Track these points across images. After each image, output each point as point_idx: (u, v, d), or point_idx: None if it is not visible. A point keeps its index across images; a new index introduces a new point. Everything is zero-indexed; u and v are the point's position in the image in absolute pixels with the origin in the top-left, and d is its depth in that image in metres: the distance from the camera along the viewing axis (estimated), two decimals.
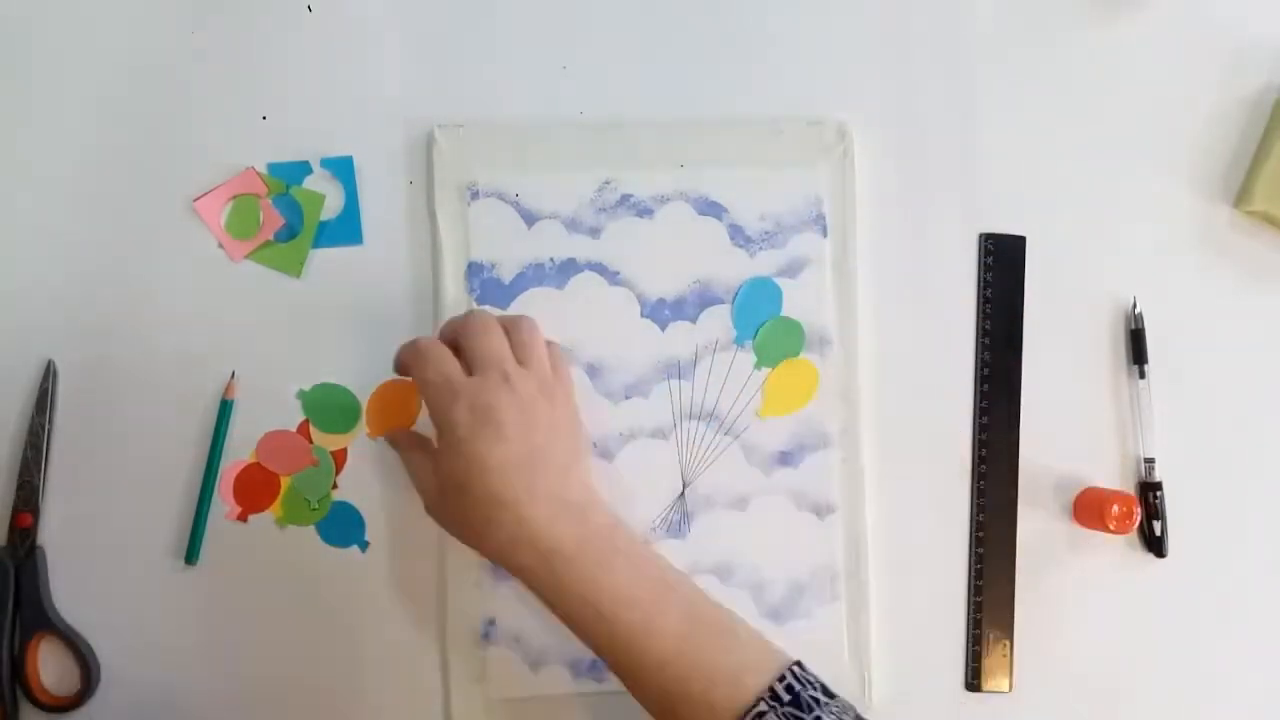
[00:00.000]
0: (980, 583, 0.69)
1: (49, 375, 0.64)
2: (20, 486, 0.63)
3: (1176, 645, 0.70)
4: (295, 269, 0.66)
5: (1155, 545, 0.70)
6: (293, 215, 0.66)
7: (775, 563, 0.67)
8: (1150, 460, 0.70)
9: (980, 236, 0.70)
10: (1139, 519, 0.68)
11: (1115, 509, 0.67)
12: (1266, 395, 0.72)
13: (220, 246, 0.66)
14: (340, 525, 0.65)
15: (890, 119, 0.70)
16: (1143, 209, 0.71)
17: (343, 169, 0.66)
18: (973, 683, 0.69)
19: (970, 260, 0.70)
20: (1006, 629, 0.69)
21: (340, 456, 0.66)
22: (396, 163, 0.67)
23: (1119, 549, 0.70)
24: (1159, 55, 0.72)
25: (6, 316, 0.65)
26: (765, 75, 0.69)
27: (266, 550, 0.65)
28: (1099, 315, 0.71)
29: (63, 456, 0.64)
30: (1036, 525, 0.70)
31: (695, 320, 0.68)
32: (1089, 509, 0.69)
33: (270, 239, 0.66)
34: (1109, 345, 0.71)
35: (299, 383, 0.66)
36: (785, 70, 0.69)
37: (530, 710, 0.65)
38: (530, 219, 0.67)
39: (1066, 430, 0.70)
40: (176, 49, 0.66)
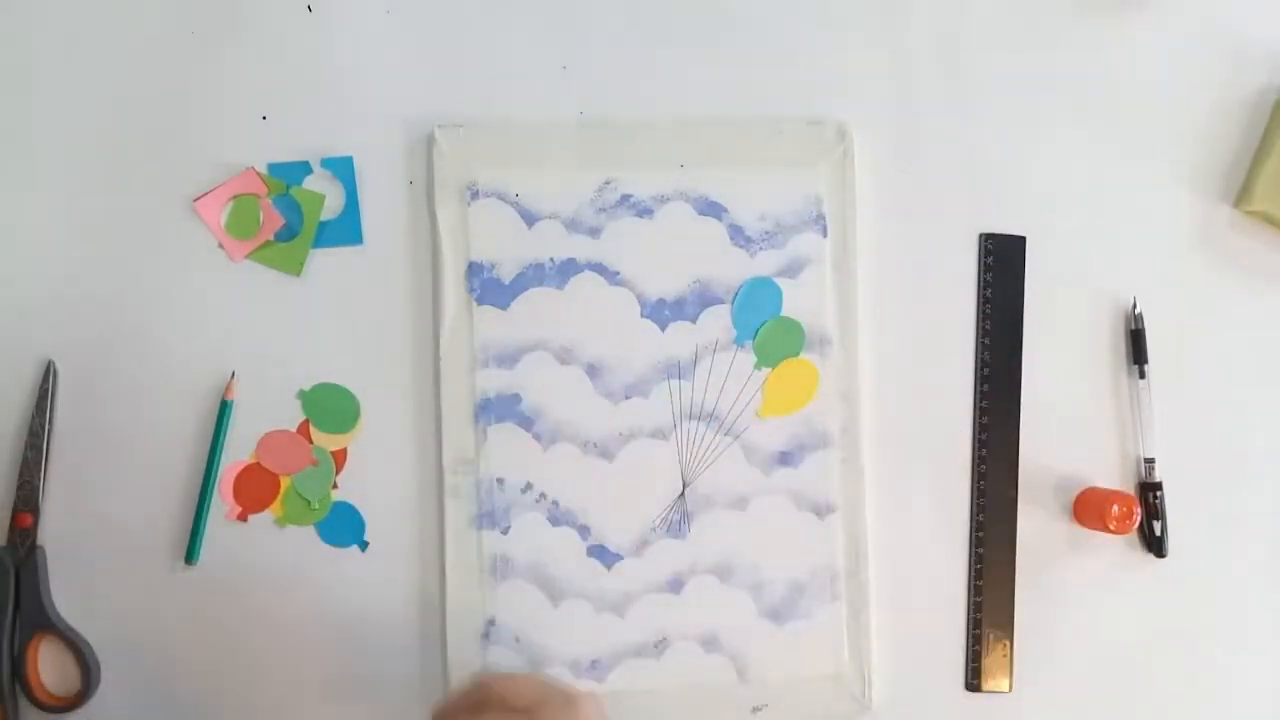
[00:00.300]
0: (980, 583, 0.69)
1: (49, 375, 0.64)
2: (20, 486, 0.63)
3: (1176, 645, 0.70)
4: (295, 269, 0.66)
5: (1155, 545, 0.70)
6: (293, 215, 0.66)
7: (775, 563, 0.67)
8: (1150, 460, 0.70)
9: (980, 236, 0.70)
10: (1139, 519, 0.68)
11: (1115, 509, 0.67)
12: (1266, 395, 0.72)
13: (220, 246, 0.66)
14: (340, 525, 0.65)
15: (890, 119, 0.70)
16: (1143, 209, 0.71)
17: (343, 169, 0.66)
18: (973, 683, 0.69)
19: (970, 260, 0.70)
20: (1006, 629, 0.69)
21: (340, 456, 0.66)
22: (396, 163, 0.67)
23: (1119, 549, 0.70)
24: (1159, 55, 0.72)
25: (6, 316, 0.65)
26: (765, 75, 0.69)
27: (266, 550, 0.65)
28: (1099, 315, 0.71)
29: (63, 456, 0.64)
30: (1036, 525, 0.70)
31: (695, 320, 0.68)
32: (1089, 509, 0.69)
33: (270, 239, 0.66)
34: (1109, 345, 0.71)
35: (299, 383, 0.66)
36: (785, 70, 0.69)
37: None
38: (530, 219, 0.67)
39: (1066, 430, 0.70)
40: (176, 49, 0.66)
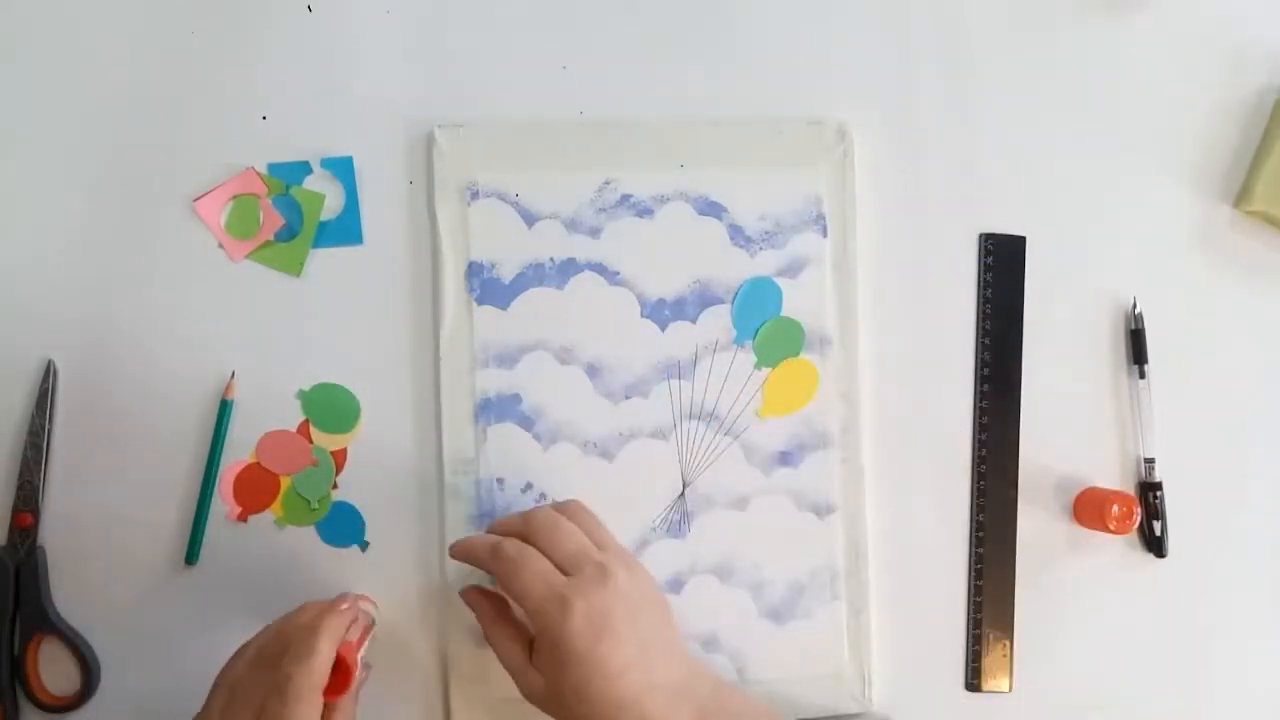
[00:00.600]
0: (980, 583, 0.69)
1: (49, 375, 0.64)
2: (20, 486, 0.63)
3: (1176, 645, 0.70)
4: (295, 269, 0.66)
5: (1155, 545, 0.70)
6: (293, 215, 0.66)
7: (775, 563, 0.67)
8: (1150, 460, 0.70)
9: (980, 236, 0.70)
10: (1139, 519, 0.68)
11: (1115, 509, 0.67)
12: (1266, 395, 0.72)
13: (220, 246, 0.66)
14: (340, 525, 0.65)
15: (890, 119, 0.70)
16: (1143, 209, 0.71)
17: (343, 169, 0.66)
18: (973, 683, 0.69)
19: (970, 260, 0.70)
20: (1006, 629, 0.69)
21: (340, 456, 0.66)
22: (396, 163, 0.67)
23: (1119, 549, 0.70)
24: (1159, 55, 0.72)
25: (6, 316, 0.65)
26: (765, 75, 0.69)
27: (266, 550, 0.65)
28: (1099, 315, 0.71)
29: (63, 456, 0.64)
30: (1036, 525, 0.70)
31: (695, 320, 0.68)
32: (1089, 509, 0.69)
33: (270, 239, 0.66)
34: (1109, 345, 0.71)
35: (299, 383, 0.66)
36: (785, 70, 0.69)
37: (530, 710, 0.65)
38: (530, 219, 0.67)
39: (1066, 430, 0.70)
40: (176, 49, 0.66)
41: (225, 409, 0.65)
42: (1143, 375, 0.70)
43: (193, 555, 0.64)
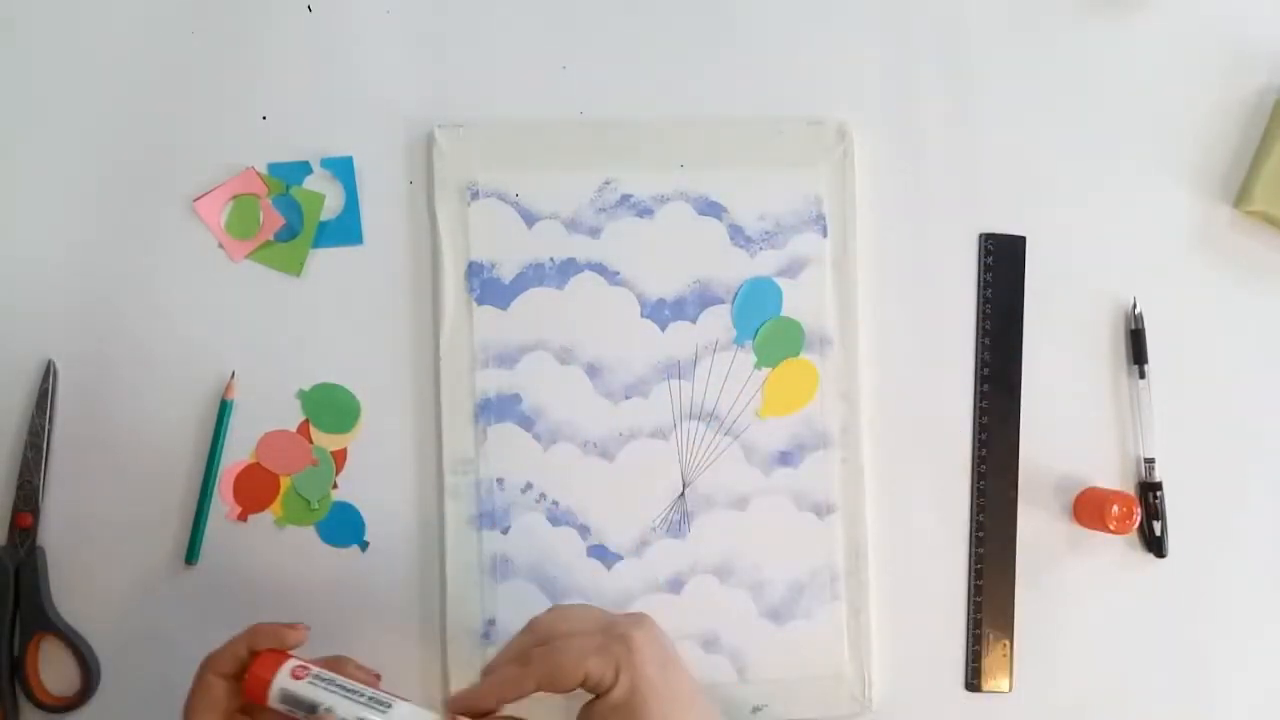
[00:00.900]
0: (980, 582, 0.69)
1: (49, 375, 0.64)
2: (20, 486, 0.63)
3: (1176, 645, 0.70)
4: (295, 269, 0.66)
5: (1155, 545, 0.70)
6: (293, 215, 0.66)
7: (775, 563, 0.67)
8: (1150, 460, 0.70)
9: (980, 236, 0.70)
10: (1139, 519, 0.68)
11: (1115, 509, 0.67)
12: (1266, 395, 0.72)
13: (220, 246, 0.66)
14: (340, 525, 0.65)
15: (890, 119, 0.70)
16: (1143, 209, 0.71)
17: (343, 169, 0.66)
18: (973, 683, 0.69)
19: (970, 260, 0.70)
20: (1006, 629, 0.69)
21: (340, 456, 0.66)
22: (396, 163, 0.67)
23: (1119, 549, 0.70)
24: (1159, 55, 0.72)
25: (6, 316, 0.65)
26: (765, 75, 0.69)
27: (266, 550, 0.65)
28: (1099, 315, 0.71)
29: (63, 456, 0.64)
30: (1036, 525, 0.70)
31: (695, 320, 0.68)
32: (1089, 509, 0.69)
33: (270, 239, 0.66)
34: (1109, 345, 0.71)
35: (299, 383, 0.66)
36: (785, 70, 0.69)
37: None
38: (530, 219, 0.67)
39: (1066, 430, 0.70)
40: (176, 49, 0.66)
41: (225, 409, 0.65)
42: (1143, 375, 0.70)
43: (193, 555, 0.64)
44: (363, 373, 0.66)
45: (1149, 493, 0.70)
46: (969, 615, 0.69)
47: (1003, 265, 0.70)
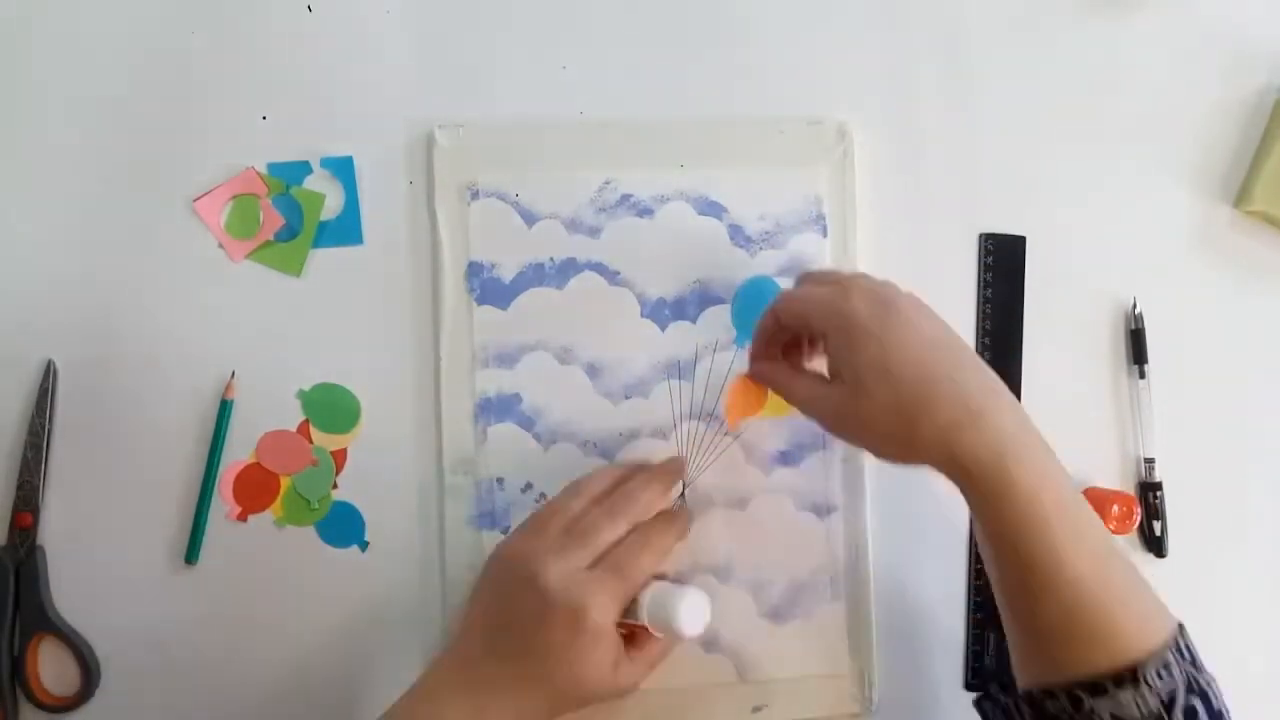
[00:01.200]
0: (980, 582, 0.69)
1: (49, 375, 0.64)
2: (20, 486, 0.63)
3: None
4: (295, 269, 0.66)
5: (1155, 545, 0.70)
6: (293, 215, 0.66)
7: (775, 562, 0.67)
8: (1150, 460, 0.70)
9: (980, 236, 0.70)
10: (1139, 519, 0.68)
11: (1115, 509, 0.67)
12: (1266, 395, 0.72)
13: (220, 246, 0.66)
14: (340, 525, 0.65)
15: (890, 119, 0.70)
16: (1143, 209, 0.71)
17: (343, 169, 0.66)
18: (973, 683, 0.69)
19: (970, 260, 0.70)
20: None
21: (340, 456, 0.66)
22: (396, 163, 0.67)
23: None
24: (1159, 55, 0.72)
25: (6, 316, 0.65)
26: (765, 75, 0.69)
27: (266, 550, 0.65)
28: (1099, 315, 0.71)
29: (63, 456, 0.64)
30: None
31: (695, 320, 0.68)
32: None
33: (270, 239, 0.66)
34: (1109, 345, 0.71)
35: (299, 383, 0.66)
36: (785, 70, 0.69)
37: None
38: (530, 219, 0.67)
39: (1066, 430, 0.70)
40: (176, 49, 0.66)
41: (225, 409, 0.65)
42: (1143, 375, 0.70)
43: (193, 555, 0.64)
44: (363, 373, 0.66)
45: (1149, 493, 0.70)
46: (969, 615, 0.69)
47: (1003, 265, 0.70)
